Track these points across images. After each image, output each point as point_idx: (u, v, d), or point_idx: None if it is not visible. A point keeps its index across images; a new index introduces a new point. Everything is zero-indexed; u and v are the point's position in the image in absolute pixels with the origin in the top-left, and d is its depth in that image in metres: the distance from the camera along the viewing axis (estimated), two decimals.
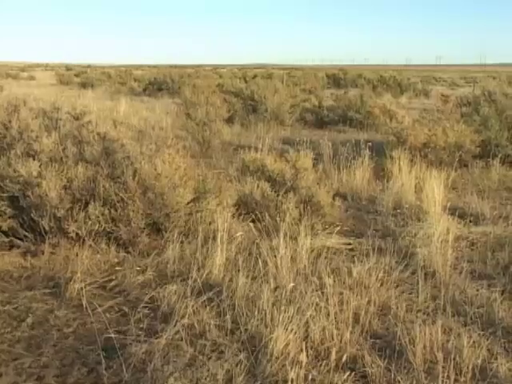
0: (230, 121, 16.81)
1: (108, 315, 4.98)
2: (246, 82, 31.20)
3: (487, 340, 4.68)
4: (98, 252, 6.30)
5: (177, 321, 4.69)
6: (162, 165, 6.61)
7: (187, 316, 4.78)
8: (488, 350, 4.55)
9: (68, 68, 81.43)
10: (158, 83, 34.13)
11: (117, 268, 6.01)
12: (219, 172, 8.74)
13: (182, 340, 4.49)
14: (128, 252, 6.38)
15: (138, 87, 35.66)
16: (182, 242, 6.31)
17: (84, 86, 37.52)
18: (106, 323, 4.75)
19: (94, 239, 6.27)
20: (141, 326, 4.80)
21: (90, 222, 6.17)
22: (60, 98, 13.27)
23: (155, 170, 6.57)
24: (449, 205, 7.90)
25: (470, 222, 7.95)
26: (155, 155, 6.79)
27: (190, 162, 7.27)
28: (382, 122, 17.33)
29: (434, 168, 9.83)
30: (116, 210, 6.33)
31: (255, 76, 44.89)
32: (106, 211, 6.28)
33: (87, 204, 6.29)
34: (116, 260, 6.24)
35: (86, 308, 4.99)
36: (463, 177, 10.99)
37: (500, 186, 10.54)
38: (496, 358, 4.41)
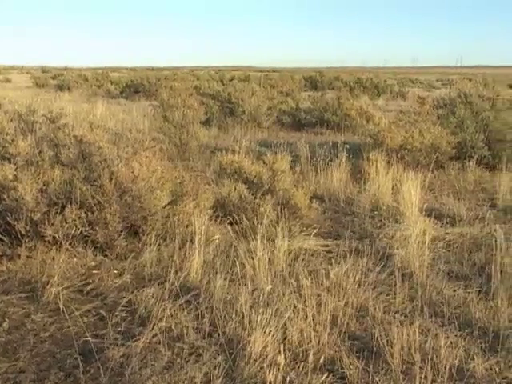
0: (207, 123, 16.78)
1: (85, 319, 4.96)
2: (223, 84, 31.22)
3: (464, 340, 4.72)
4: (74, 255, 6.26)
5: (154, 324, 4.68)
6: (139, 167, 6.59)
7: (165, 319, 4.77)
8: (465, 350, 4.58)
9: (44, 70, 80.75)
10: (135, 85, 34.04)
11: (94, 271, 5.98)
12: (196, 174, 8.73)
13: (159, 343, 4.48)
14: (105, 255, 6.35)
15: (115, 90, 35.52)
16: (159, 245, 6.30)
17: (60, 88, 37.26)
18: (83, 327, 4.73)
19: (70, 243, 6.23)
20: (118, 329, 4.78)
21: (67, 226, 6.13)
22: (36, 101, 13.17)
23: (132, 172, 6.55)
24: (425, 206, 7.94)
25: (447, 223, 7.99)
26: (132, 158, 6.77)
27: (167, 165, 7.26)
28: (359, 123, 17.41)
29: (411, 169, 9.88)
30: (93, 213, 6.30)
31: (232, 78, 44.93)
32: (83, 214, 6.25)
33: (64, 207, 6.25)
34: (93, 263, 6.20)
35: (63, 312, 4.94)
36: (440, 178, 11.06)
37: (476, 187, 10.62)
38: (473, 358, 4.44)
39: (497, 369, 4.36)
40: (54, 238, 6.13)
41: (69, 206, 6.24)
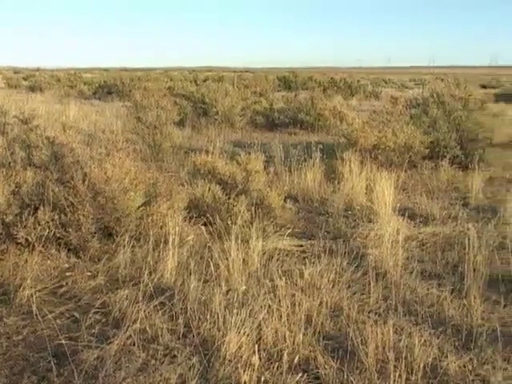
0: (180, 124, 16.74)
1: (59, 321, 4.92)
2: (196, 84, 31.16)
3: (438, 339, 4.75)
4: (48, 258, 6.21)
5: (129, 326, 4.66)
6: (112, 169, 6.56)
7: (139, 321, 4.76)
8: (439, 348, 4.61)
9: (16, 71, 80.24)
10: (108, 86, 33.91)
11: (67, 273, 5.94)
12: (170, 175, 8.72)
13: (134, 345, 4.47)
14: (79, 257, 6.31)
15: (88, 90, 35.34)
16: (133, 247, 6.27)
17: (33, 89, 37.02)
18: (56, 330, 4.69)
19: (43, 245, 6.18)
20: (92, 331, 4.75)
21: (40, 228, 6.09)
22: (8, 102, 13.08)
23: (105, 174, 6.51)
24: (399, 205, 7.99)
25: (420, 222, 8.04)
26: (105, 159, 6.74)
27: (140, 166, 7.24)
28: (332, 123, 17.48)
29: (384, 169, 9.94)
30: (66, 215, 6.26)
31: (206, 79, 44.88)
32: (56, 216, 6.20)
33: (36, 209, 6.20)
34: (66, 265, 6.16)
35: (36, 315, 4.91)
36: (413, 178, 11.12)
37: (449, 187, 10.69)
38: (446, 356, 4.47)
39: (470, 366, 4.39)
40: (27, 240, 6.08)
41: (41, 207, 6.19)
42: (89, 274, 5.95)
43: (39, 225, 6.09)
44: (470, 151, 12.01)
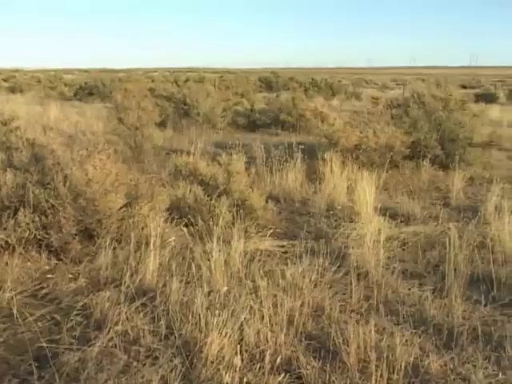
0: (162, 125, 16.71)
1: (40, 324, 4.89)
2: (177, 85, 31.13)
3: (419, 338, 4.77)
4: (28, 260, 6.18)
5: (110, 328, 4.64)
6: (93, 170, 6.54)
7: (121, 322, 4.74)
8: (420, 347, 4.64)
9: None
10: (88, 88, 33.83)
11: (48, 276, 5.91)
12: (151, 177, 8.69)
13: (115, 347, 4.45)
14: (60, 259, 6.28)
15: (69, 92, 35.24)
16: (114, 248, 6.24)
17: (13, 90, 36.89)
18: (37, 332, 4.66)
19: (24, 247, 6.15)
20: (73, 334, 4.73)
21: (20, 230, 6.06)
22: None
23: (86, 175, 6.49)
24: (380, 205, 8.01)
25: (402, 222, 8.07)
26: (86, 161, 6.71)
27: (121, 167, 7.20)
28: (313, 124, 17.47)
29: (366, 169, 9.96)
30: (47, 217, 6.23)
31: (187, 80, 44.83)
32: (37, 218, 6.18)
33: (17, 211, 6.18)
34: (47, 268, 6.13)
35: (17, 317, 4.87)
36: (394, 177, 11.15)
37: (430, 187, 10.75)
38: (428, 356, 4.49)
39: (451, 365, 4.42)
40: (7, 242, 6.05)
41: (22, 209, 6.16)
42: (70, 275, 5.92)
43: (19, 227, 6.06)
44: (451, 151, 12.06)
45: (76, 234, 6.35)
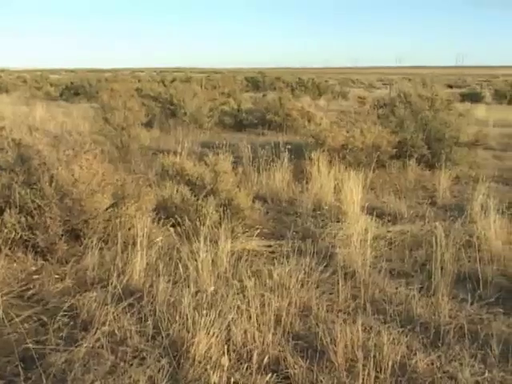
0: (148, 125, 16.69)
1: (26, 325, 4.86)
2: (164, 85, 31.07)
3: (406, 337, 4.78)
4: (14, 261, 6.15)
5: (97, 328, 4.63)
6: (79, 170, 6.52)
7: (108, 323, 4.73)
8: (407, 346, 4.65)
9: None
10: (75, 88, 33.75)
11: (35, 276, 5.88)
12: (138, 177, 8.66)
13: (102, 348, 4.43)
14: (46, 260, 6.25)
15: (55, 92, 35.12)
16: (101, 249, 6.22)
17: None
18: (23, 333, 4.64)
19: (10, 248, 6.13)
20: (60, 334, 4.70)
21: (6, 230, 6.03)
22: None
23: (72, 175, 6.47)
24: (367, 205, 8.03)
25: (388, 221, 8.09)
26: (72, 161, 6.69)
27: (108, 167, 7.18)
28: (300, 124, 17.49)
29: (353, 169, 9.96)
30: (33, 218, 6.21)
31: (174, 80, 44.78)
32: (23, 219, 6.15)
33: (2, 212, 6.15)
34: (34, 268, 6.10)
35: (3, 319, 4.84)
36: (381, 177, 11.17)
37: (416, 186, 10.79)
38: (415, 354, 4.51)
39: (438, 363, 4.43)
40: None
41: (8, 210, 6.14)
42: (56, 276, 5.90)
43: (5, 227, 6.04)
44: (437, 150, 12.09)
45: (62, 235, 6.33)
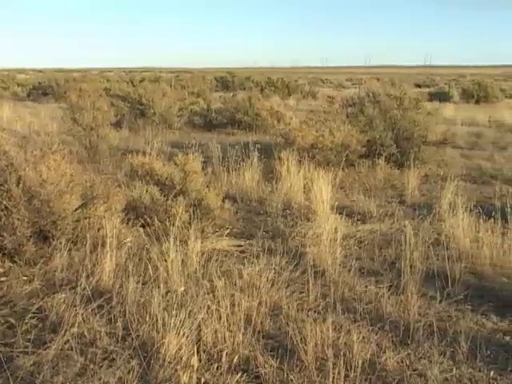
0: (117, 125, 16.62)
1: None
2: (133, 85, 30.95)
3: (376, 335, 4.82)
4: None
5: (66, 330, 4.59)
6: (47, 171, 6.46)
7: (77, 325, 4.69)
8: (377, 344, 4.68)
9: None
10: (42, 88, 33.49)
11: (2, 278, 5.82)
12: (107, 177, 8.62)
13: (71, 349, 4.40)
14: (14, 261, 6.18)
15: (22, 92, 34.85)
16: (70, 250, 6.17)
17: None
18: None
19: None
20: (28, 337, 4.66)
21: None
22: None
23: (40, 176, 6.41)
24: (337, 204, 8.04)
25: (358, 220, 8.13)
26: (40, 161, 6.62)
27: (76, 168, 7.13)
28: (270, 123, 17.54)
29: (322, 168, 10.00)
30: (0, 219, 6.14)
31: (143, 80, 44.66)
32: None
33: None
34: (1, 270, 6.03)
35: None
36: (350, 176, 11.23)
37: (386, 185, 10.86)
38: (385, 352, 4.54)
39: (407, 361, 4.47)
40: None
41: None
42: (24, 278, 5.84)
43: None
44: (406, 149, 12.18)
45: (31, 236, 6.27)
